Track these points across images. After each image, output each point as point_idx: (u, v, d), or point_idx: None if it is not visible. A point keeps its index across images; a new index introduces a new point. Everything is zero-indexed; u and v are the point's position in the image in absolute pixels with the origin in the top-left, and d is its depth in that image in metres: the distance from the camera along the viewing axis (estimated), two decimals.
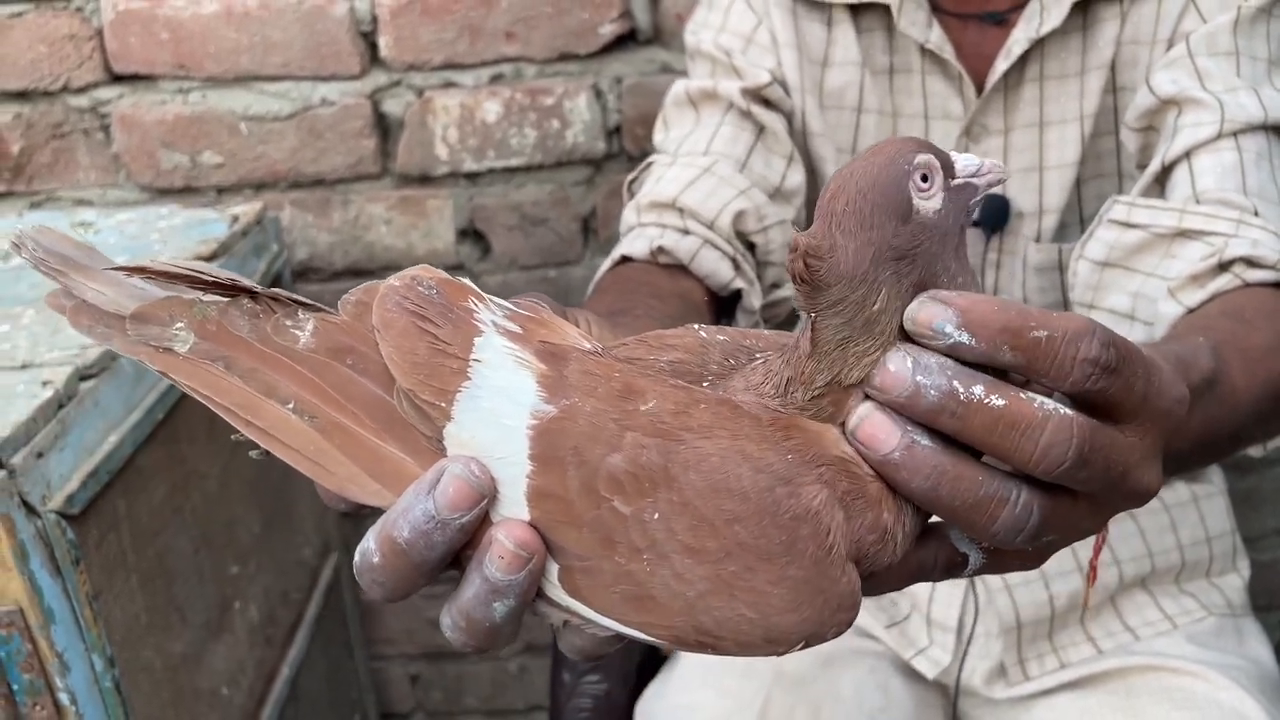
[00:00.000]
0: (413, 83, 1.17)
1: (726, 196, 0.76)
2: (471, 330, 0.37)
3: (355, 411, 0.37)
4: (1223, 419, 0.52)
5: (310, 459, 0.37)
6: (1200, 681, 0.78)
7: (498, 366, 0.37)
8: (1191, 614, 0.84)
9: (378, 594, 0.37)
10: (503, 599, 0.36)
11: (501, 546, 0.35)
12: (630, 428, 0.36)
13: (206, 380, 0.38)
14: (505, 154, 1.19)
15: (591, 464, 0.36)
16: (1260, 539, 1.34)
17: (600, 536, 0.36)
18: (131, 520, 0.81)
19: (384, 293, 0.38)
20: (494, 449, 0.36)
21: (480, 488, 0.35)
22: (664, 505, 0.35)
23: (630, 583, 0.36)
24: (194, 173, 1.20)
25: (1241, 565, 0.89)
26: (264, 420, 0.38)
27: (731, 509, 0.35)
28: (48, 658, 0.71)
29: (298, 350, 0.38)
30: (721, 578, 0.35)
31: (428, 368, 0.37)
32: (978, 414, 0.34)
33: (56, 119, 1.19)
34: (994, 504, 0.35)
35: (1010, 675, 0.83)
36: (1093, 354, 0.34)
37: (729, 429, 0.36)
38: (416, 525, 0.35)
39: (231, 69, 1.16)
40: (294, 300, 0.39)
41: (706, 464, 0.35)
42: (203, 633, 0.92)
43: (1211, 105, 0.70)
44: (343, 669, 1.27)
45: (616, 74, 1.17)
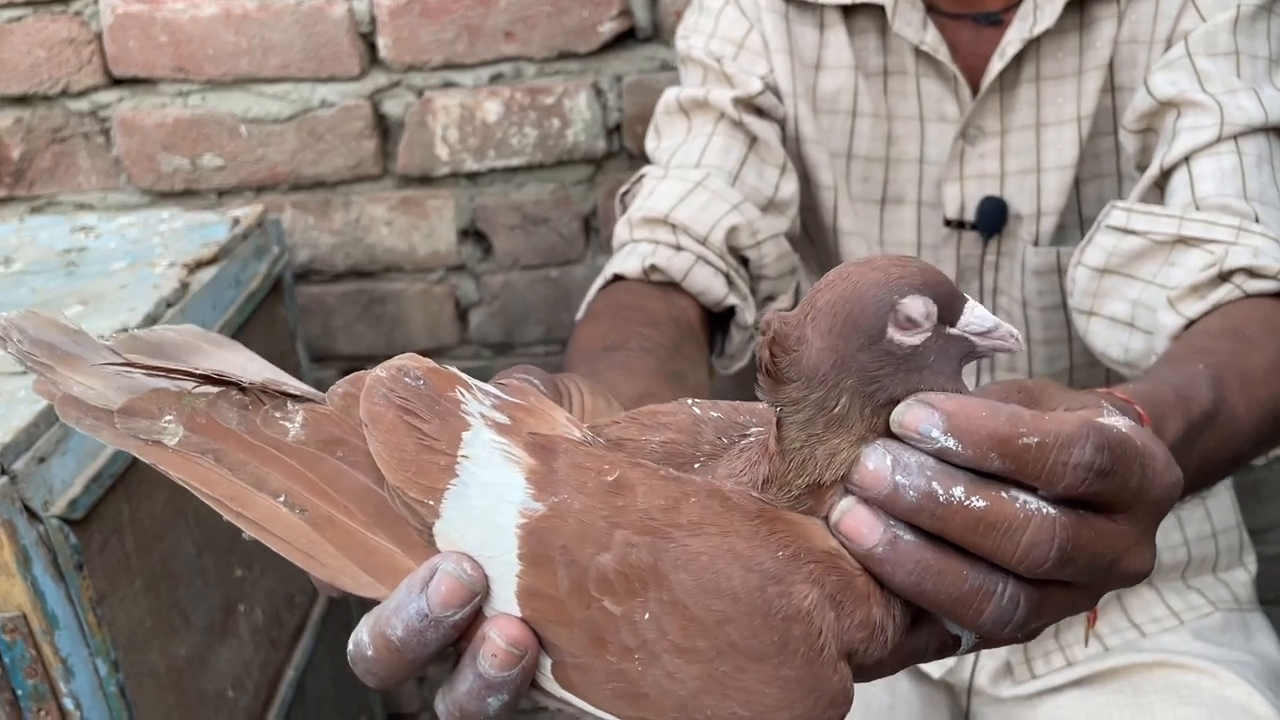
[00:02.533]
0: (412, 83, 1.17)
1: (719, 212, 0.75)
2: (459, 424, 0.37)
3: (346, 504, 0.37)
4: (1222, 449, 0.52)
5: (302, 551, 0.37)
6: (1207, 677, 0.78)
7: (486, 463, 0.37)
8: (1198, 610, 0.84)
9: (372, 683, 0.38)
10: (497, 694, 0.36)
11: (494, 644, 0.35)
12: (620, 525, 0.35)
13: (196, 473, 0.38)
14: (506, 154, 1.19)
15: (581, 564, 0.35)
16: (1267, 531, 1.33)
17: (591, 636, 0.36)
18: (134, 525, 0.81)
19: (370, 385, 0.38)
20: (483, 548, 0.36)
21: (472, 585, 0.36)
22: (654, 605, 0.35)
23: (622, 680, 0.36)
24: (194, 176, 1.20)
25: (1248, 560, 0.89)
26: (254, 513, 0.37)
27: (722, 609, 0.35)
28: (52, 663, 0.71)
29: (288, 442, 0.38)
30: (714, 677, 0.35)
31: (415, 465, 0.37)
32: (958, 515, 0.34)
33: (57, 123, 1.19)
34: (980, 598, 0.34)
35: (1017, 674, 0.83)
36: (1085, 459, 0.34)
37: (719, 525, 0.36)
38: (410, 624, 0.35)
39: (231, 71, 1.16)
40: (283, 392, 0.39)
41: (697, 563, 0.35)
42: (207, 636, 0.92)
43: (1211, 108, 0.69)
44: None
45: (616, 72, 1.16)
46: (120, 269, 0.96)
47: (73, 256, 1.00)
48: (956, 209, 0.79)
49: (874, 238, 0.84)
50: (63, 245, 1.03)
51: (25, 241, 1.04)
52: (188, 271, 0.94)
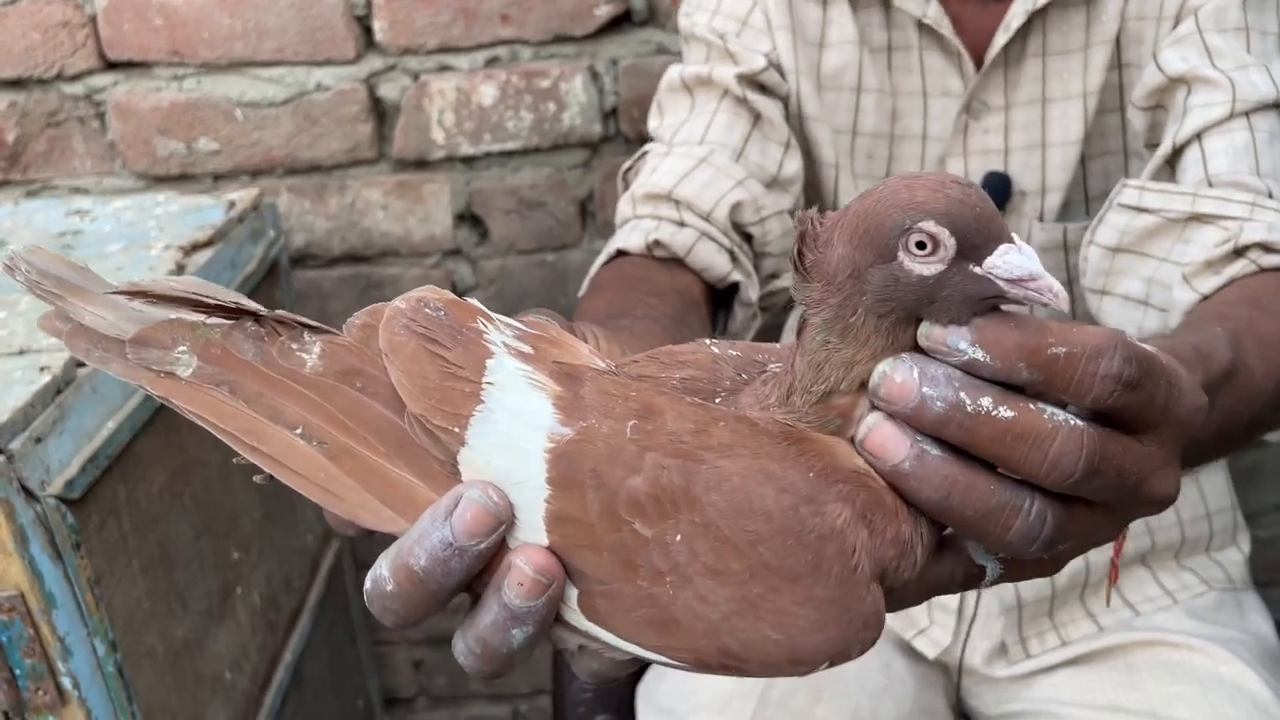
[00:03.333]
0: (408, 67, 1.17)
1: (723, 188, 0.75)
2: (482, 352, 0.36)
3: (365, 436, 0.37)
4: (1240, 410, 0.52)
5: (319, 485, 0.37)
6: (1200, 655, 0.78)
7: (511, 389, 0.36)
8: (1191, 589, 0.84)
9: (390, 620, 0.37)
10: (521, 626, 0.35)
11: (521, 573, 0.35)
12: (650, 448, 0.35)
13: (210, 405, 0.37)
14: (502, 137, 1.19)
15: (611, 486, 0.35)
16: (1262, 515, 1.34)
17: (621, 560, 0.35)
18: (131, 506, 0.81)
19: (390, 315, 0.37)
20: (510, 473, 0.36)
21: (498, 513, 0.35)
22: (686, 527, 0.34)
23: (652, 606, 0.35)
24: (190, 160, 1.20)
25: (1242, 540, 0.89)
26: (270, 446, 0.37)
27: (755, 529, 0.34)
28: (49, 642, 0.71)
29: (304, 374, 0.37)
30: (746, 599, 0.34)
31: (439, 392, 0.36)
32: (985, 425, 0.33)
33: (51, 107, 1.19)
34: (1006, 513, 0.34)
35: (1011, 654, 0.83)
36: (1114, 370, 0.33)
37: (749, 448, 0.35)
38: (433, 553, 0.35)
39: (226, 55, 1.15)
40: (300, 323, 0.38)
41: (729, 484, 0.35)
42: (205, 618, 0.92)
43: (1222, 84, 0.69)
44: (346, 654, 1.27)
45: (612, 55, 1.16)
46: (116, 252, 0.96)
47: (68, 240, 1.00)
48: None
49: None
50: (58, 229, 1.03)
51: (20, 225, 1.04)
52: (183, 254, 0.94)
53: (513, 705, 1.46)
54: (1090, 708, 0.78)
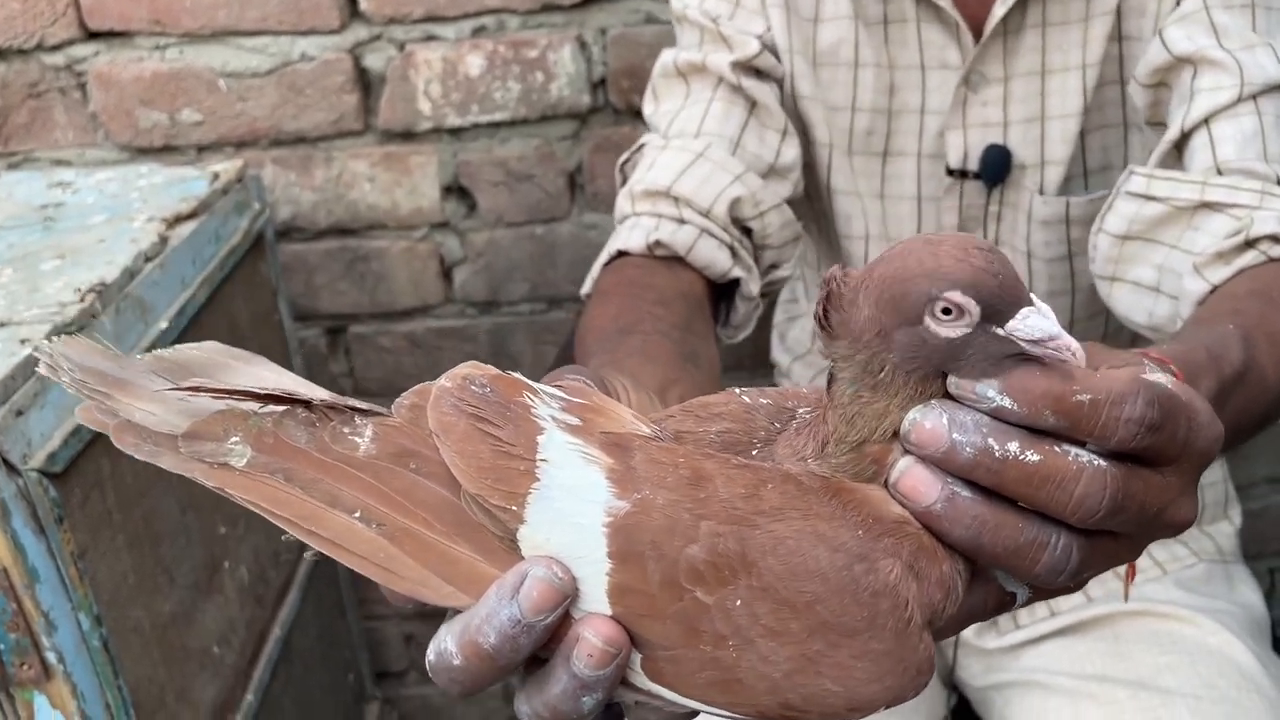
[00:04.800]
0: (394, 36, 1.15)
1: (721, 183, 0.75)
2: (533, 428, 0.37)
3: (424, 516, 0.37)
4: (1252, 407, 0.53)
5: (379, 565, 0.37)
6: (1189, 626, 0.78)
7: (565, 465, 0.37)
8: (1182, 560, 0.85)
9: (456, 690, 0.38)
10: (591, 693, 0.36)
11: (590, 644, 0.36)
12: (705, 516, 0.36)
13: (267, 494, 0.38)
14: (489, 108, 1.17)
15: (670, 557, 0.36)
16: (1251, 487, 1.34)
17: (684, 627, 0.36)
18: (116, 480, 0.80)
19: (438, 395, 0.38)
20: (571, 549, 0.36)
21: (563, 589, 0.36)
22: (745, 592, 0.36)
23: (716, 669, 0.36)
24: (173, 131, 1.18)
25: (1233, 513, 0.89)
26: (329, 530, 0.37)
27: (813, 590, 0.35)
28: (33, 616, 0.70)
29: (359, 457, 0.38)
30: (807, 656, 0.36)
31: (494, 471, 0.37)
32: (1013, 469, 0.35)
33: (32, 78, 1.17)
34: (1035, 549, 0.35)
35: (1001, 624, 0.84)
36: (1137, 414, 0.35)
37: (799, 509, 0.37)
38: (502, 630, 0.36)
39: (209, 24, 1.14)
40: (350, 406, 0.39)
41: (784, 548, 0.36)
42: (192, 593, 0.91)
43: (1230, 66, 0.68)
44: (336, 629, 1.27)
45: (600, 25, 1.15)
46: (98, 223, 0.94)
47: (50, 211, 0.98)
48: (959, 158, 0.78)
49: (873, 193, 0.83)
50: (40, 200, 1.01)
51: (2, 197, 1.02)
52: (166, 226, 0.93)
53: None
54: (1079, 677, 0.78)
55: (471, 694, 0.38)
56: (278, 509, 0.37)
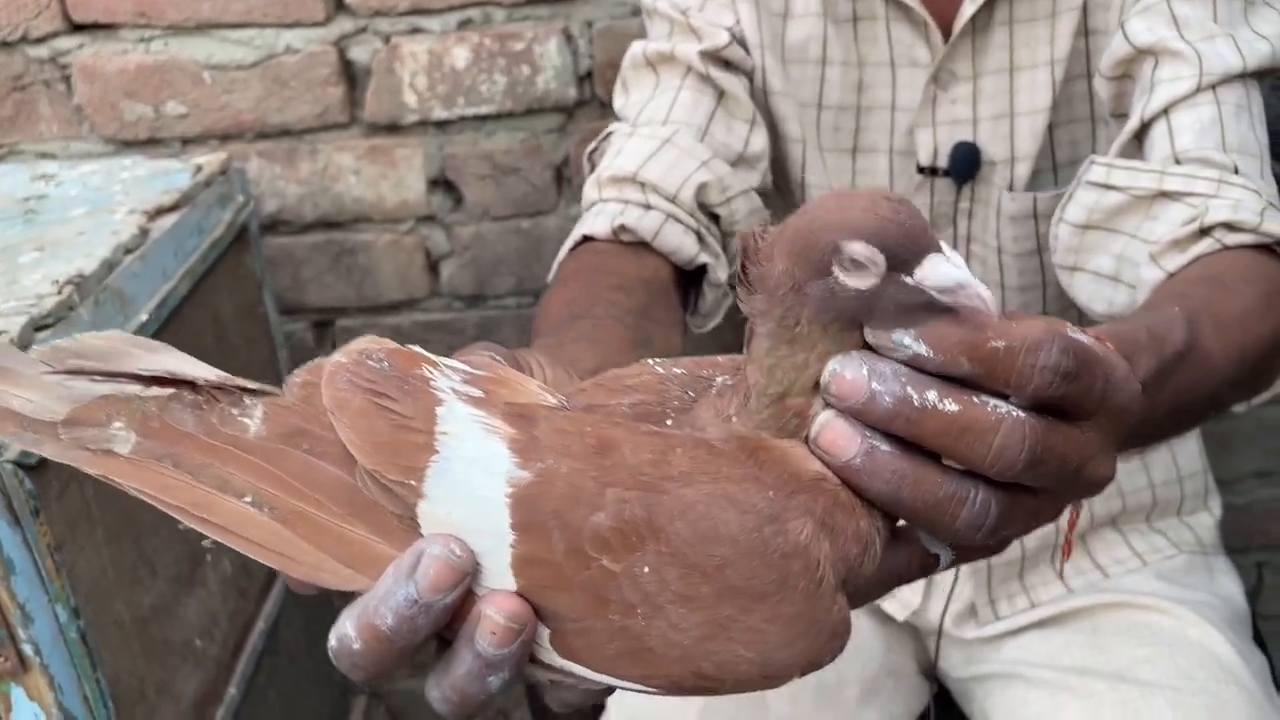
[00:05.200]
0: (379, 29, 1.15)
1: (688, 169, 0.75)
2: (432, 400, 0.36)
3: (317, 498, 0.36)
4: (1197, 388, 0.53)
5: (275, 551, 0.36)
6: (1168, 618, 0.78)
7: (465, 437, 0.36)
8: (1162, 551, 0.85)
9: (359, 676, 0.37)
10: (497, 672, 0.36)
11: (493, 621, 0.35)
12: (610, 484, 0.36)
13: (154, 481, 0.36)
14: (475, 101, 1.17)
15: (575, 525, 0.35)
16: (1236, 481, 1.34)
17: (592, 597, 0.35)
18: None
19: (332, 371, 0.37)
20: (472, 522, 0.36)
21: (461, 567, 0.35)
22: (653, 558, 0.35)
23: (626, 639, 0.36)
24: (158, 124, 1.18)
25: (1213, 504, 0.89)
26: (221, 517, 0.36)
27: (721, 554, 0.35)
28: (9, 608, 0.70)
29: (249, 439, 0.37)
30: (717, 622, 0.35)
31: (391, 446, 0.36)
32: (931, 419, 0.35)
33: (16, 70, 1.16)
34: (954, 504, 0.35)
35: (981, 615, 0.84)
36: (1052, 361, 0.34)
37: (709, 473, 0.36)
38: (399, 611, 0.35)
39: (193, 16, 1.13)
40: (238, 386, 0.38)
41: (692, 512, 0.35)
42: (173, 586, 0.91)
43: (1189, 57, 0.68)
44: (322, 621, 1.27)
45: (587, 17, 1.15)
46: (79, 216, 0.94)
47: (32, 204, 0.98)
48: (929, 155, 0.78)
49: (846, 188, 0.83)
50: (23, 193, 1.01)
51: None
52: (148, 218, 0.93)
53: None
54: (1058, 669, 0.78)
55: (376, 679, 0.37)
56: (167, 496, 0.36)
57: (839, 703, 0.79)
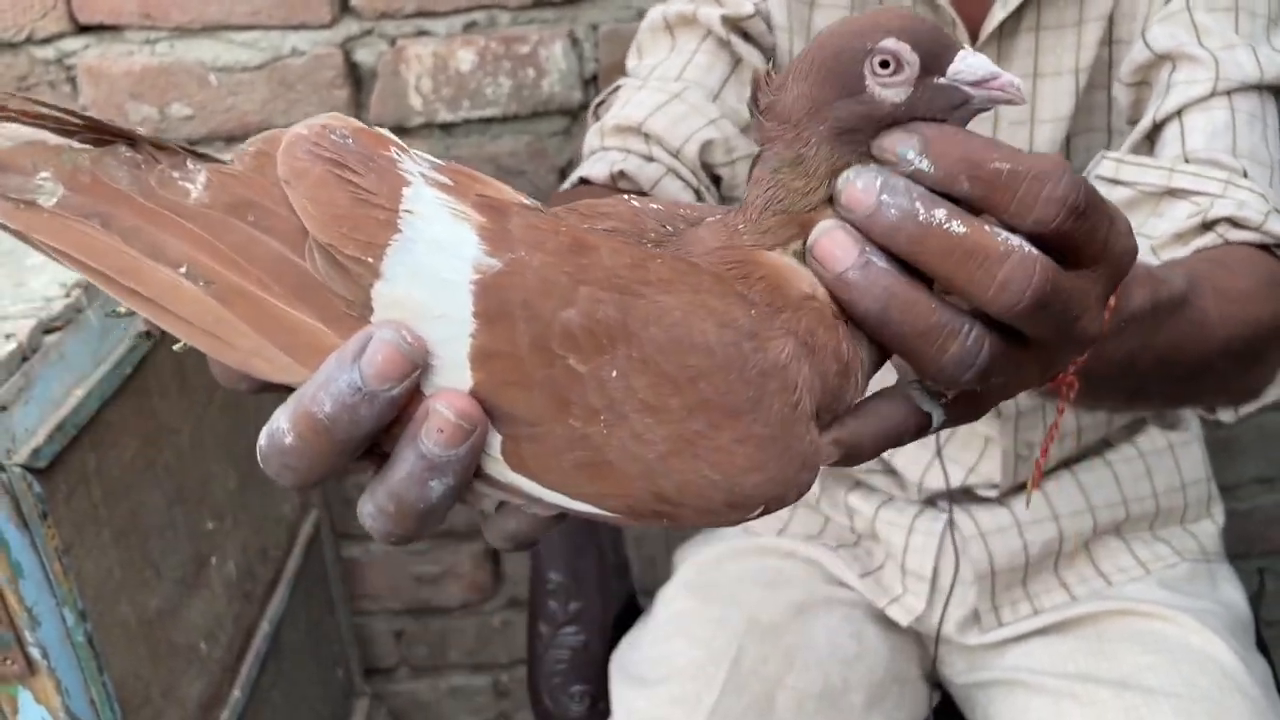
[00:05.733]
0: (385, 31, 1.15)
1: (695, 124, 0.74)
2: (398, 180, 0.33)
3: (260, 276, 0.33)
4: (1189, 344, 0.52)
5: (207, 331, 0.33)
6: (1171, 625, 0.78)
7: (432, 219, 0.33)
8: (1164, 559, 0.85)
9: (289, 479, 0.34)
10: (440, 476, 0.33)
11: (441, 418, 0.32)
12: (584, 282, 0.33)
13: (78, 241, 0.33)
14: (480, 104, 1.17)
15: (544, 318, 0.33)
16: (1239, 487, 1.34)
17: (553, 398, 0.33)
18: (102, 475, 0.80)
19: (291, 140, 0.33)
20: (431, 307, 0.33)
21: (412, 356, 0.32)
22: (623, 362, 0.33)
23: (585, 448, 0.33)
24: (163, 125, 1.18)
25: (1216, 512, 0.89)
26: (150, 287, 0.33)
27: (696, 364, 0.33)
28: (17, 612, 0.70)
29: (189, 206, 0.33)
30: (684, 437, 0.33)
31: (351, 220, 0.32)
32: (936, 238, 0.33)
33: (21, 71, 1.16)
34: (944, 335, 0.34)
35: (984, 621, 0.84)
36: (1059, 193, 0.33)
37: (689, 284, 0.34)
38: (340, 398, 0.31)
39: (199, 18, 1.13)
40: (183, 148, 0.34)
41: (669, 318, 0.33)
42: (179, 588, 0.91)
43: (1207, 62, 0.68)
44: (325, 624, 1.27)
45: (592, 21, 1.15)
46: None
47: None
48: None
49: None
50: None
51: None
52: None
53: (493, 675, 1.47)
54: (1061, 676, 0.78)
55: (306, 483, 0.34)
56: (91, 260, 0.33)
57: (844, 709, 0.79)
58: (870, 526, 0.86)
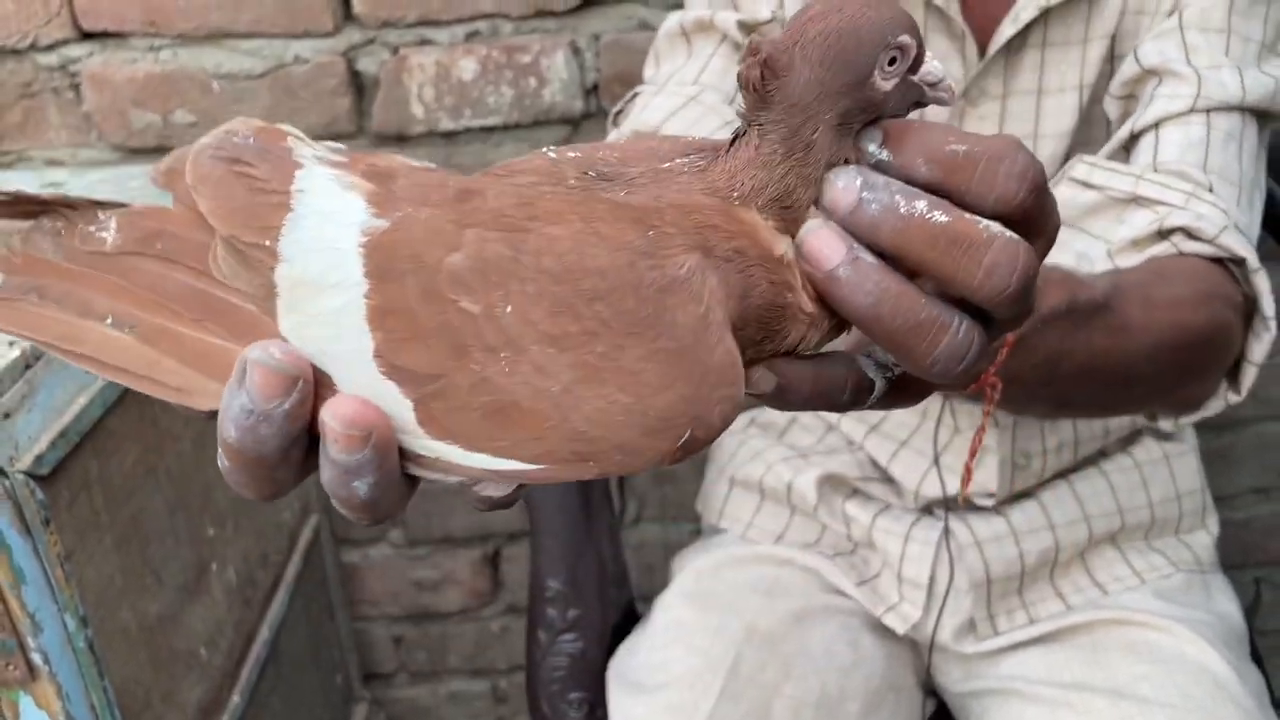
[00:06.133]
0: (387, 40, 1.16)
1: (711, 126, 0.75)
2: (292, 165, 0.34)
3: (172, 307, 0.34)
4: (1112, 352, 0.52)
5: (143, 375, 0.34)
6: (1166, 635, 0.79)
7: (321, 194, 0.34)
8: (1160, 570, 0.85)
9: (250, 494, 0.35)
10: (360, 478, 0.33)
11: (332, 430, 0.32)
12: (471, 225, 0.33)
13: (22, 319, 0.34)
14: (482, 113, 1.18)
15: (431, 266, 0.33)
16: (1235, 497, 1.35)
17: (450, 344, 0.33)
18: (104, 482, 0.81)
19: (197, 149, 0.34)
20: (327, 276, 0.33)
21: (284, 370, 0.32)
22: (517, 296, 0.33)
23: (489, 391, 0.33)
24: (166, 132, 1.18)
25: (1210, 523, 0.90)
26: (88, 345, 0.34)
27: (591, 286, 0.33)
28: (19, 617, 0.71)
29: (106, 254, 0.34)
30: (588, 363, 0.33)
31: (247, 210, 0.33)
32: (919, 228, 0.33)
33: (25, 78, 1.17)
34: (936, 329, 0.34)
35: (980, 630, 0.84)
36: (1018, 169, 0.34)
37: (580, 214, 0.34)
38: (239, 423, 0.32)
39: (203, 26, 1.14)
40: (92, 202, 0.35)
41: (559, 246, 0.33)
42: (180, 594, 0.92)
43: (1190, 79, 0.69)
44: (324, 630, 1.28)
45: (594, 31, 1.15)
46: None
47: None
48: None
49: None
50: None
51: None
52: None
53: (492, 680, 1.47)
54: (1056, 685, 0.79)
55: (265, 497, 0.35)
56: (38, 333, 0.34)
57: (841, 717, 0.80)
58: (867, 534, 0.86)
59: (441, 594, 1.41)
